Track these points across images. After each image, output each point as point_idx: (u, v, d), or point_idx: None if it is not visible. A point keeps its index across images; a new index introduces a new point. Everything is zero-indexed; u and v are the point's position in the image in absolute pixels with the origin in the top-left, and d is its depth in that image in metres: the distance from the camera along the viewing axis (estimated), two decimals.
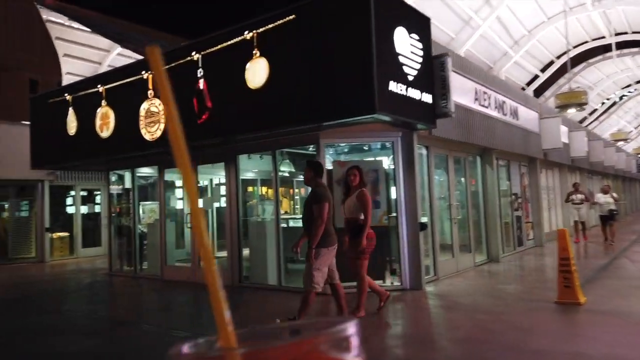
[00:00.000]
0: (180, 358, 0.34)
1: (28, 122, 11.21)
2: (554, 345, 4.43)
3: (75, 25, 13.38)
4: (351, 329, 0.32)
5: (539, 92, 17.55)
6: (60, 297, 8.46)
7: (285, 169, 10.63)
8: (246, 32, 6.79)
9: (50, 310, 7.29)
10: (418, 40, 6.64)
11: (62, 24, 13.41)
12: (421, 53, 6.68)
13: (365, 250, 5.42)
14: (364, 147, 8.58)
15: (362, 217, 5.46)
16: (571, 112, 13.62)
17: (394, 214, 7.52)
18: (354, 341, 0.32)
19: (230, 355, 0.31)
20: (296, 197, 13.03)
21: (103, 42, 13.82)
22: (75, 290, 9.12)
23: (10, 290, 9.38)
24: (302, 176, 11.78)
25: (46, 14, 13.20)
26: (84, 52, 14.15)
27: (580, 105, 12.81)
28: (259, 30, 6.71)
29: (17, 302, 7.99)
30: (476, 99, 9.01)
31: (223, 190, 11.63)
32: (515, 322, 5.21)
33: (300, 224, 6.07)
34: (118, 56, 14.00)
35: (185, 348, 0.36)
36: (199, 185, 9.75)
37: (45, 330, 5.92)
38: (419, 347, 4.44)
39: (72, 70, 14.18)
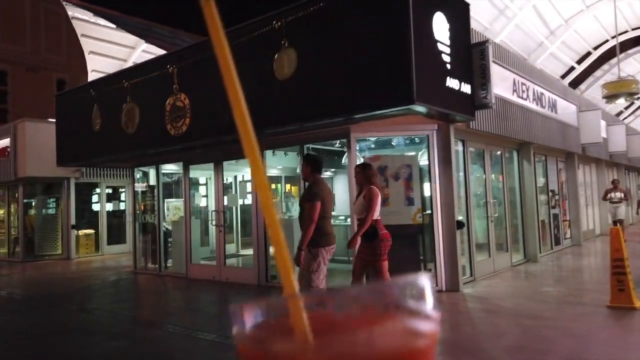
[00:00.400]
0: (243, 308, 0.31)
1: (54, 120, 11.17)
2: (617, 355, 4.02)
3: (101, 22, 13.32)
4: (425, 281, 0.29)
5: (574, 84, 16.82)
6: (86, 296, 8.34)
7: None
8: (274, 22, 6.50)
9: (75, 309, 7.15)
10: (457, 27, 6.24)
11: (87, 21, 13.36)
12: (460, 41, 6.28)
13: (382, 252, 5.02)
14: (397, 142, 8.21)
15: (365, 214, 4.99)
16: (620, 102, 12.92)
17: (429, 212, 7.15)
18: (429, 294, 0.29)
19: (293, 301, 0.29)
20: None
21: (128, 38, 13.73)
22: (101, 288, 9.00)
23: (36, 288, 9.32)
24: (328, 173, 11.54)
25: (72, 11, 13.17)
26: (109, 50, 14.08)
27: (631, 95, 12.08)
28: (287, 19, 6.41)
29: (43, 300, 7.88)
30: (514, 91, 8.55)
31: (248, 187, 11.45)
32: (569, 329, 4.79)
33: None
34: (143, 53, 13.88)
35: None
36: (224, 182, 9.53)
37: (70, 330, 5.74)
38: (467, 356, 4.08)
39: (98, 68, 14.13)
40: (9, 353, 4.98)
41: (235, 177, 11.78)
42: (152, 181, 10.57)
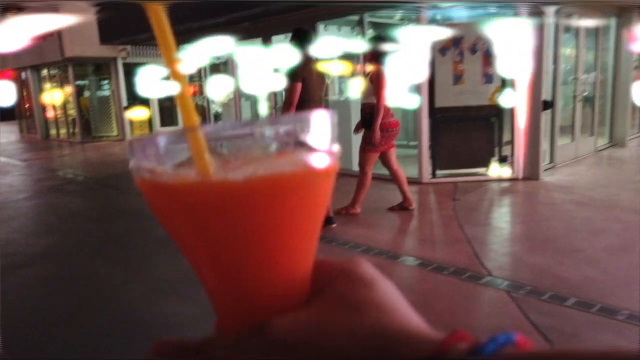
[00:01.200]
0: (141, 141, 0.30)
1: None
2: None
3: None
4: (323, 117, 0.29)
5: None
6: None
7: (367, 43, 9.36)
8: None
9: (134, 192, 7.09)
10: None
11: None
12: None
13: (377, 142, 4.45)
14: (475, 9, 7.02)
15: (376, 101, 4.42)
16: None
17: (511, 90, 6.24)
18: (328, 130, 0.29)
19: (194, 134, 0.28)
20: None
21: None
22: None
23: (96, 169, 9.42)
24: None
25: None
26: None
27: None
28: None
29: (102, 181, 7.90)
30: None
31: None
32: None
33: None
34: None
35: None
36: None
37: (128, 213, 5.64)
38: (562, 257, 3.54)
39: None
40: (72, 236, 4.92)
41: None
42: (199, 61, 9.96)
